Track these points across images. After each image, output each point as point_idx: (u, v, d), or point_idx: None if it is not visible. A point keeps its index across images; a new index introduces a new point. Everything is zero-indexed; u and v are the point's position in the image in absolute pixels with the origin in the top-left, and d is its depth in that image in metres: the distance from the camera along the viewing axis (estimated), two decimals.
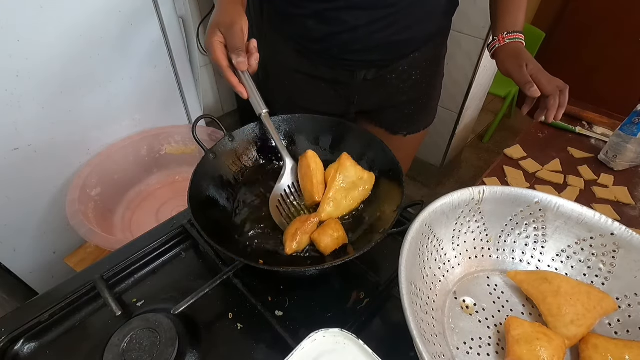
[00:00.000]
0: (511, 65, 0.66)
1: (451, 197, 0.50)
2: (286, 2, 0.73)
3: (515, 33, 0.69)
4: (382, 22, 0.70)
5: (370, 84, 0.82)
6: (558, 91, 0.63)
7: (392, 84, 0.83)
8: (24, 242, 1.10)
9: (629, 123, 0.91)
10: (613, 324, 0.49)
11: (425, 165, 2.02)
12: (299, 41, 0.79)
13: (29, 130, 0.95)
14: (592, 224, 0.51)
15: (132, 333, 0.46)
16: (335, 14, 0.69)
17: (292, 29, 0.78)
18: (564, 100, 0.63)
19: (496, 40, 0.70)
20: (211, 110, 2.05)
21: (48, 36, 0.88)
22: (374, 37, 0.72)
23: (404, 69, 0.80)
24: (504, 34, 0.69)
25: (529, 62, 0.65)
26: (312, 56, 0.80)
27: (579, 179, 0.94)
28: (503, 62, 0.68)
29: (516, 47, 0.68)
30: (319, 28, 0.72)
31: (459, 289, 0.53)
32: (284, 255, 0.55)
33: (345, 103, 0.87)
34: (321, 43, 0.75)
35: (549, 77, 0.64)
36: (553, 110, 0.63)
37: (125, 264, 0.56)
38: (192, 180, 0.56)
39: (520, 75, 0.65)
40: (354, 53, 0.75)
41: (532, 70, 0.64)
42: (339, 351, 0.39)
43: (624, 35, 1.93)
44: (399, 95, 0.86)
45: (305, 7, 0.71)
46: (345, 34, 0.72)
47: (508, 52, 0.68)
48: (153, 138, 1.21)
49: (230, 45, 0.55)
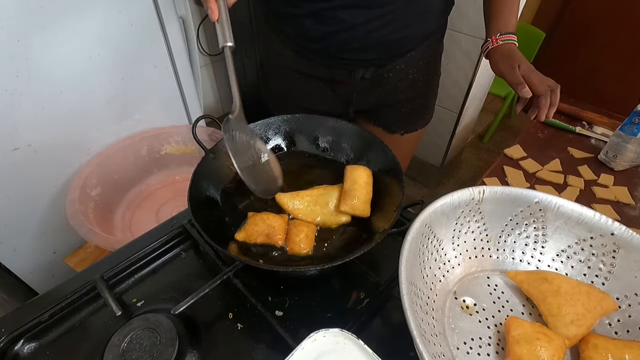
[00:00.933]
0: (504, 66, 0.67)
1: (451, 197, 0.50)
2: (283, 2, 0.73)
3: (508, 34, 0.70)
4: (379, 20, 0.70)
5: (368, 82, 0.83)
6: (549, 91, 0.64)
7: (389, 82, 0.83)
8: (24, 242, 1.10)
9: (629, 123, 0.91)
10: (613, 324, 0.49)
11: (425, 165, 2.02)
12: (296, 41, 0.79)
13: (29, 130, 0.95)
14: (592, 224, 0.51)
15: (132, 333, 0.46)
16: (332, 13, 0.70)
17: (290, 29, 0.78)
18: (555, 99, 0.64)
19: (489, 41, 0.71)
20: (211, 110, 2.06)
21: (48, 37, 0.88)
22: (372, 36, 0.72)
23: (401, 68, 0.81)
24: (497, 36, 0.70)
25: (521, 62, 0.66)
26: (310, 55, 0.80)
27: (579, 179, 0.94)
28: (496, 63, 0.69)
29: (509, 48, 0.69)
30: (317, 27, 0.73)
31: (459, 289, 0.53)
32: (284, 255, 0.56)
33: (343, 102, 0.88)
34: (319, 42, 0.76)
35: (541, 77, 0.65)
36: (544, 109, 0.64)
37: (125, 264, 0.56)
38: (192, 180, 0.56)
39: (512, 76, 0.66)
40: (352, 52, 0.76)
41: (524, 71, 0.65)
42: (339, 351, 0.39)
43: (624, 35, 1.93)
44: (396, 94, 0.87)
45: (303, 6, 0.71)
46: (343, 33, 0.72)
47: (501, 53, 0.69)
48: (153, 138, 1.21)
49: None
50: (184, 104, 1.30)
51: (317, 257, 0.55)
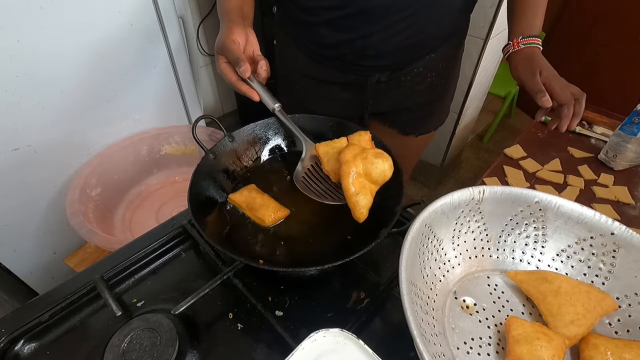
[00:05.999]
0: (523, 72, 0.63)
1: (451, 197, 0.50)
2: (299, 9, 0.72)
3: (531, 37, 0.65)
4: (395, 26, 0.68)
5: (384, 85, 0.80)
6: (573, 99, 0.59)
7: (406, 85, 0.81)
8: (24, 242, 1.10)
9: (629, 123, 0.91)
10: (613, 324, 0.49)
11: (425, 165, 2.02)
12: (311, 47, 0.77)
13: (29, 131, 0.95)
14: (592, 223, 0.51)
15: (133, 333, 0.46)
16: (348, 21, 0.68)
17: (306, 36, 0.76)
18: (579, 109, 0.59)
19: (510, 44, 0.67)
20: (211, 110, 2.05)
21: (48, 37, 0.88)
22: (388, 43, 0.70)
23: (419, 71, 0.78)
24: (519, 38, 0.66)
25: (543, 68, 0.62)
26: (325, 61, 0.78)
27: (579, 179, 0.94)
28: (516, 67, 0.65)
29: (531, 52, 0.65)
30: (332, 35, 0.71)
31: (459, 288, 0.53)
32: (284, 255, 0.56)
33: (358, 107, 0.85)
34: (334, 49, 0.74)
35: (564, 84, 0.61)
36: (566, 120, 0.59)
37: (125, 264, 0.56)
38: (192, 180, 0.56)
39: (532, 82, 0.61)
40: (368, 59, 0.74)
41: (545, 78, 0.61)
42: (339, 351, 0.39)
43: (624, 35, 1.93)
44: (413, 98, 0.84)
45: (319, 14, 0.69)
46: (359, 41, 0.70)
47: (522, 57, 0.65)
48: (153, 138, 1.21)
49: (229, 59, 0.58)
50: (184, 104, 1.30)
51: (317, 257, 0.55)
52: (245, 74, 0.56)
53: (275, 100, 0.61)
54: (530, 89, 0.62)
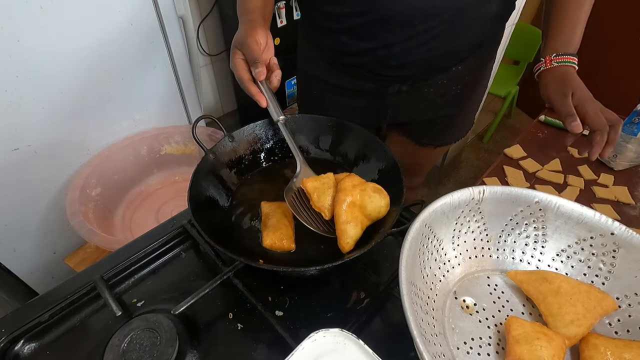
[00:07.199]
0: (554, 92, 0.58)
1: (451, 197, 0.50)
2: (321, 15, 0.69)
3: (566, 55, 0.60)
4: (420, 37, 0.63)
5: (405, 96, 0.76)
6: (607, 126, 0.54)
7: (429, 98, 0.75)
8: (24, 242, 1.10)
9: (629, 123, 0.91)
10: (613, 324, 0.49)
11: None
12: (332, 54, 0.75)
13: (29, 131, 0.95)
14: (592, 223, 0.51)
15: (133, 333, 0.46)
16: (368, 30, 0.65)
17: (326, 42, 0.74)
18: (614, 137, 0.54)
19: (542, 62, 0.61)
20: (211, 110, 2.05)
21: (48, 37, 0.88)
22: (411, 53, 0.66)
23: (443, 83, 0.73)
24: (552, 56, 0.60)
25: (576, 89, 0.56)
26: (344, 69, 0.76)
27: (579, 179, 0.94)
28: (546, 87, 0.60)
29: (565, 71, 0.59)
30: (353, 43, 0.68)
31: (459, 288, 0.53)
32: (284, 254, 0.56)
33: (376, 116, 0.82)
34: (354, 58, 0.71)
35: (599, 107, 0.55)
36: (598, 148, 0.54)
37: (125, 264, 0.56)
38: (192, 180, 0.56)
39: (562, 104, 0.56)
40: (389, 69, 0.70)
41: (578, 100, 0.55)
42: (339, 351, 0.39)
43: (624, 35, 1.93)
44: (435, 110, 0.79)
45: (340, 21, 0.66)
46: (380, 50, 0.67)
47: (553, 76, 0.59)
48: (153, 138, 1.21)
49: (247, 58, 0.57)
50: (184, 104, 1.30)
51: (316, 257, 0.55)
52: (259, 77, 0.56)
53: (280, 112, 0.61)
54: (560, 111, 0.56)
